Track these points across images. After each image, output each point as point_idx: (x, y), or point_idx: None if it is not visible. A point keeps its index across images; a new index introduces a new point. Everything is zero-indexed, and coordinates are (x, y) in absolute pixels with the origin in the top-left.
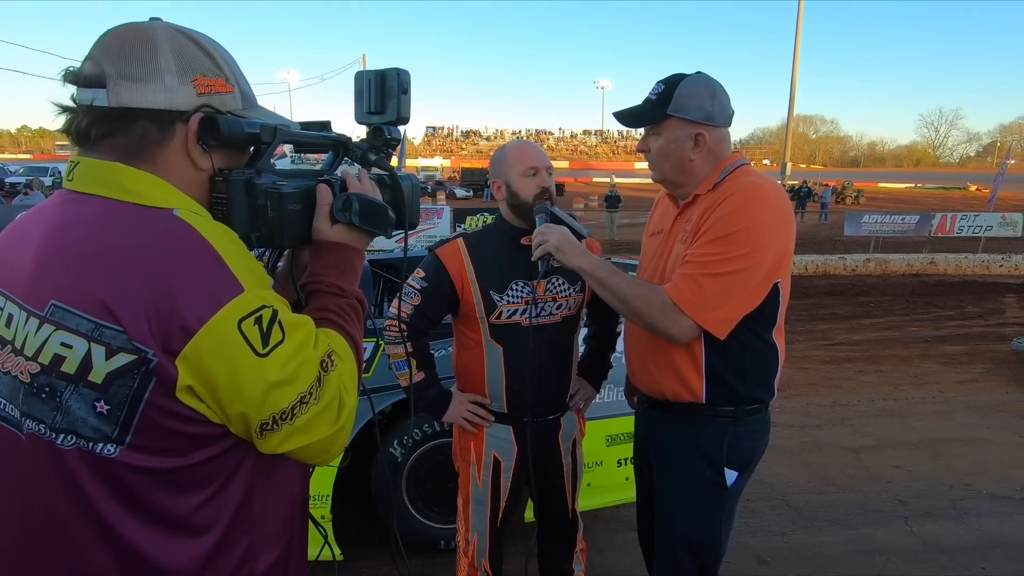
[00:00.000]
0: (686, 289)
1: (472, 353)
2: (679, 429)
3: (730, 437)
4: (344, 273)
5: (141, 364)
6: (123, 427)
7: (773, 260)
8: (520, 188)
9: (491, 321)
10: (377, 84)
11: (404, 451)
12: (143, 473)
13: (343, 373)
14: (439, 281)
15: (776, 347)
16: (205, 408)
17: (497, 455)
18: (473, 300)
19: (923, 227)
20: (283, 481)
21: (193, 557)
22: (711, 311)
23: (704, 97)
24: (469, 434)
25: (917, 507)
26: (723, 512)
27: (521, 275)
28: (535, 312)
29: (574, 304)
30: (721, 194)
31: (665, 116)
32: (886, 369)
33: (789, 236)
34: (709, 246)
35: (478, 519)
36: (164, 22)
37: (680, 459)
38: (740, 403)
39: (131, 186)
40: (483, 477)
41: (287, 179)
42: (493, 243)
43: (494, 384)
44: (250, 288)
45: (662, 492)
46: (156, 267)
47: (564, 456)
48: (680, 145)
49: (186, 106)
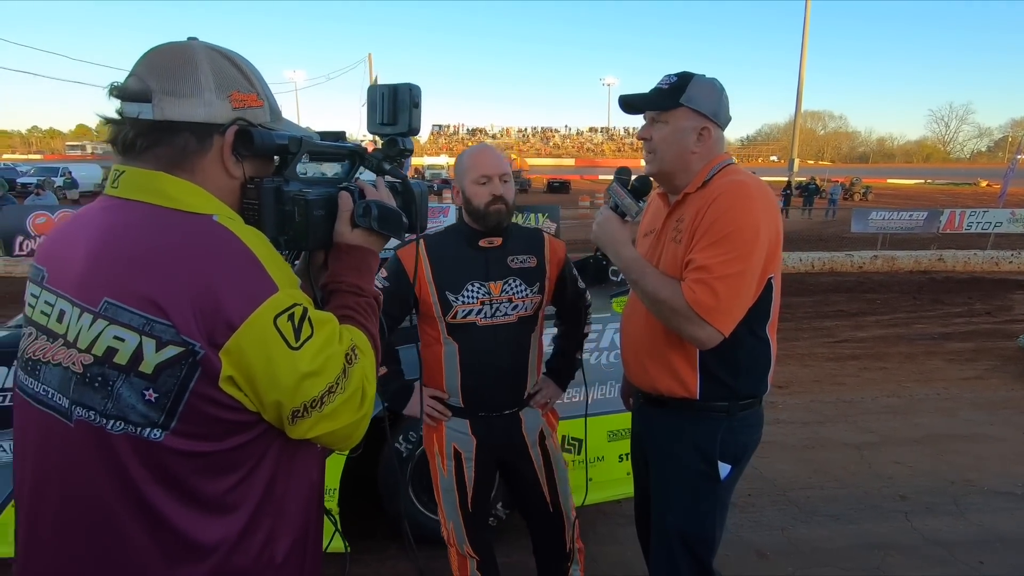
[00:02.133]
0: (703, 295)
1: (432, 350)
2: (674, 424)
3: (723, 432)
4: (362, 274)
5: (188, 356)
6: (169, 413)
7: (767, 253)
8: (473, 195)
9: (447, 320)
10: (390, 97)
11: (409, 446)
12: (184, 456)
13: (365, 366)
14: (398, 281)
15: (769, 342)
16: (242, 396)
17: (457, 447)
18: (430, 299)
19: (931, 224)
20: (303, 468)
21: (225, 535)
22: (725, 314)
23: (713, 95)
24: (431, 427)
25: (918, 502)
26: (716, 505)
27: (477, 276)
28: (490, 312)
29: (531, 305)
30: (710, 194)
31: (676, 104)
32: (891, 366)
33: (777, 229)
34: (712, 248)
35: (449, 507)
36: (201, 42)
37: (674, 453)
38: (734, 398)
39: (173, 193)
40: (447, 467)
41: (312, 187)
42: (451, 244)
43: (450, 379)
44: (283, 287)
45: (657, 486)
46: (201, 268)
47: (530, 448)
48: (685, 136)
49: (223, 119)
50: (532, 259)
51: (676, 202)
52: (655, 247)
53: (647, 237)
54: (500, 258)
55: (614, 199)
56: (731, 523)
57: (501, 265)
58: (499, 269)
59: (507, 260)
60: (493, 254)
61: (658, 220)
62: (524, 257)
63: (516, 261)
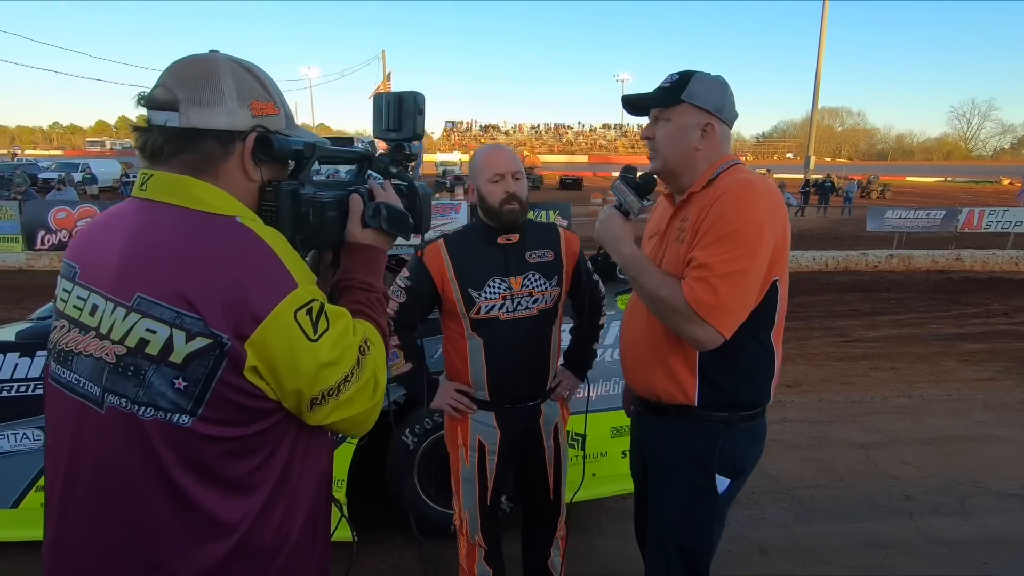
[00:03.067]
0: (703, 293)
1: (456, 345)
2: (671, 432)
3: (723, 442)
4: (372, 271)
5: (216, 347)
6: (197, 401)
7: (772, 256)
8: (487, 193)
9: (471, 316)
10: (395, 105)
11: (416, 439)
12: (210, 441)
13: (376, 357)
14: (421, 280)
15: (773, 349)
16: (265, 385)
17: (481, 439)
18: (454, 297)
19: (949, 223)
20: (315, 455)
21: (246, 512)
22: (726, 314)
23: (717, 90)
24: (456, 419)
25: (923, 503)
26: (713, 518)
27: (498, 272)
28: (512, 307)
29: (551, 298)
30: (714, 192)
31: (678, 101)
32: (902, 366)
33: (783, 229)
34: (715, 246)
35: (468, 497)
36: (223, 54)
37: (671, 463)
38: (734, 407)
39: (200, 196)
40: (470, 459)
41: (325, 189)
42: (471, 242)
43: (476, 373)
44: (302, 284)
45: (654, 493)
46: (228, 266)
47: (545, 439)
48: (688, 133)
49: (244, 127)
50: (549, 253)
51: (681, 202)
52: (659, 248)
53: (652, 239)
54: (518, 253)
55: (618, 197)
56: (733, 520)
57: (520, 260)
58: (518, 264)
59: (525, 255)
60: (511, 250)
61: (663, 221)
62: (541, 251)
63: (534, 256)
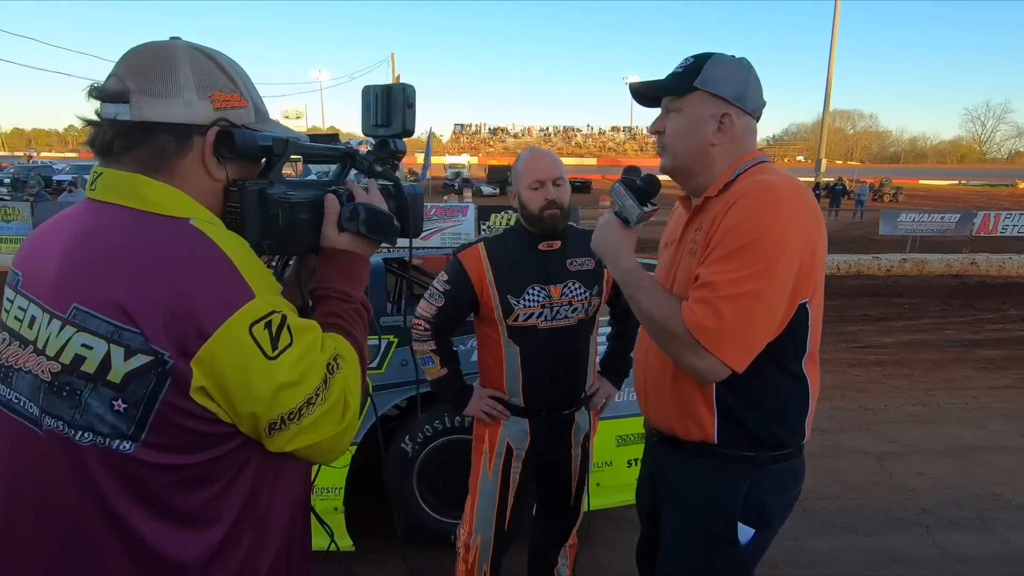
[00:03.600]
0: (703, 317)
1: (492, 351)
2: (689, 472)
3: (748, 487)
4: (351, 279)
5: (158, 365)
6: (139, 425)
7: (798, 274)
8: (528, 200)
9: (509, 323)
10: (384, 98)
11: (415, 446)
12: (156, 469)
13: (348, 376)
14: (460, 284)
15: (807, 381)
16: (216, 408)
17: (511, 443)
18: (492, 303)
19: (964, 226)
20: (288, 481)
21: (201, 550)
22: (731, 343)
23: (738, 74)
24: (486, 424)
25: (940, 516)
26: (732, 573)
27: (538, 279)
28: (550, 315)
29: (590, 308)
30: (731, 197)
31: (690, 88)
32: (917, 373)
33: (814, 243)
34: (722, 262)
35: (484, 518)
36: (184, 41)
37: (687, 506)
38: (761, 447)
39: (150, 197)
40: (494, 466)
41: (297, 189)
42: (511, 248)
43: (512, 381)
44: (261, 294)
45: (667, 535)
46: (173, 274)
47: (573, 447)
48: (702, 125)
49: (203, 120)
50: (590, 261)
51: (696, 208)
52: (672, 260)
53: (667, 248)
54: (559, 261)
55: (617, 201)
56: None
57: (561, 268)
58: (559, 272)
59: (566, 263)
60: (552, 257)
61: (677, 230)
62: (583, 260)
63: (575, 264)
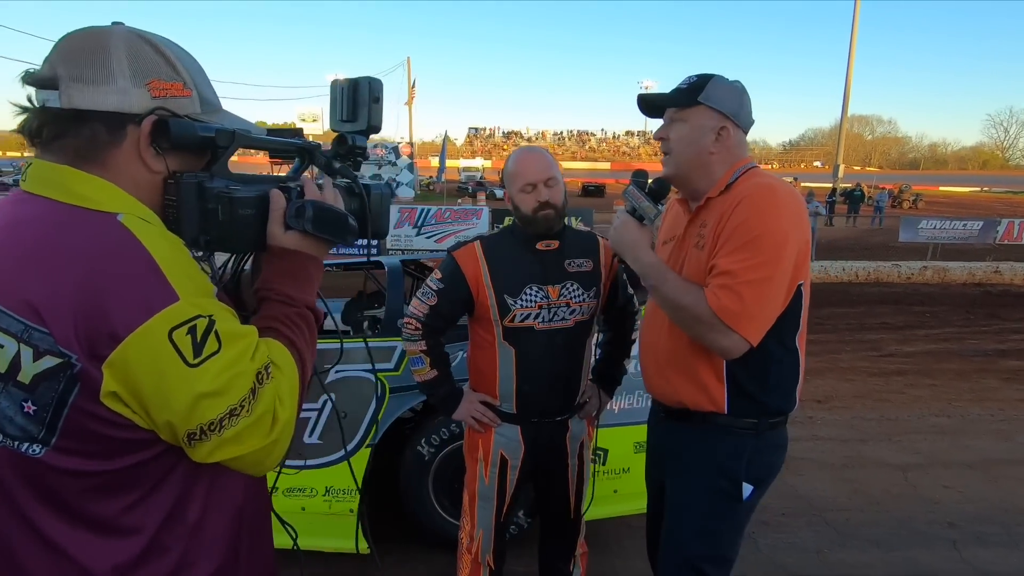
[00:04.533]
0: (728, 300)
1: (485, 353)
2: (697, 439)
3: (751, 451)
4: (297, 281)
5: (66, 368)
6: (49, 428)
7: (796, 260)
8: (521, 203)
9: (504, 324)
10: (349, 93)
11: (432, 450)
12: (68, 475)
13: (280, 385)
14: (455, 283)
15: (798, 354)
16: (131, 414)
17: (504, 453)
18: (488, 302)
19: (987, 234)
20: (224, 490)
21: (121, 560)
22: (752, 321)
23: (734, 95)
24: (478, 432)
25: (967, 531)
26: (734, 526)
27: (535, 279)
28: (548, 316)
29: (588, 310)
30: (735, 197)
31: (695, 102)
32: (940, 383)
33: (806, 235)
34: (738, 253)
35: (484, 516)
36: (124, 26)
37: (695, 470)
38: (763, 415)
39: (76, 189)
40: (490, 474)
41: (243, 184)
42: (509, 247)
43: (505, 384)
44: (186, 297)
45: (672, 503)
46: (88, 272)
47: (570, 457)
48: (703, 135)
49: (139, 109)
50: (588, 263)
51: (698, 207)
52: (677, 254)
53: (667, 244)
54: (557, 261)
55: (631, 203)
56: (763, 543)
57: (558, 269)
58: (557, 273)
59: (564, 264)
60: (550, 257)
61: (679, 227)
62: (581, 261)
63: (573, 265)
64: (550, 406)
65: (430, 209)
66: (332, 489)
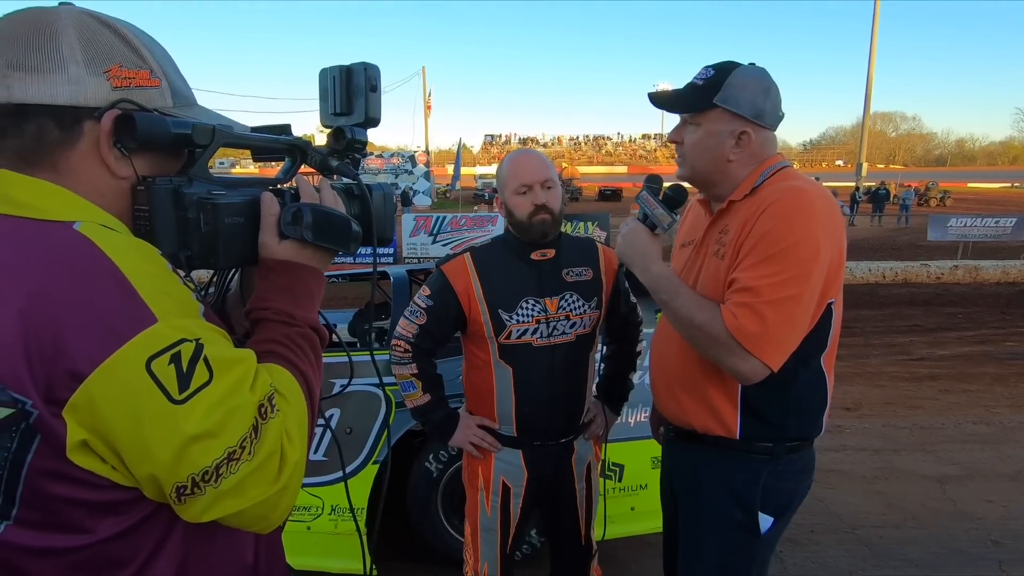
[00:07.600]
0: (747, 321)
1: (481, 373)
2: (708, 465)
3: (766, 477)
4: (296, 297)
5: (20, 418)
6: (6, 497)
7: (827, 277)
8: (514, 207)
9: (500, 341)
10: (343, 82)
11: (440, 466)
12: (37, 555)
13: (287, 419)
14: (445, 300)
15: (825, 376)
16: (108, 469)
17: (506, 480)
18: (481, 319)
19: (1021, 231)
20: (228, 548)
21: None
22: (773, 345)
23: (757, 91)
24: (477, 459)
25: (1014, 550)
26: (753, 562)
27: (531, 292)
28: (547, 331)
29: (589, 322)
30: (761, 202)
31: (710, 105)
32: (976, 389)
33: (840, 246)
34: (762, 267)
35: (487, 549)
36: (74, 6)
37: (707, 499)
38: (780, 440)
39: (19, 197)
40: (491, 504)
41: (229, 188)
42: (501, 258)
43: (503, 406)
44: (166, 318)
45: (687, 533)
46: (37, 295)
47: (577, 481)
48: (720, 141)
49: (97, 101)
50: (588, 271)
51: (720, 210)
52: (694, 261)
53: (684, 248)
54: (554, 271)
55: (644, 209)
56: (791, 563)
57: (556, 279)
58: (554, 284)
59: (562, 273)
60: (547, 267)
61: (699, 230)
62: (580, 269)
63: (571, 274)
64: (552, 428)
65: (446, 216)
66: (338, 508)
